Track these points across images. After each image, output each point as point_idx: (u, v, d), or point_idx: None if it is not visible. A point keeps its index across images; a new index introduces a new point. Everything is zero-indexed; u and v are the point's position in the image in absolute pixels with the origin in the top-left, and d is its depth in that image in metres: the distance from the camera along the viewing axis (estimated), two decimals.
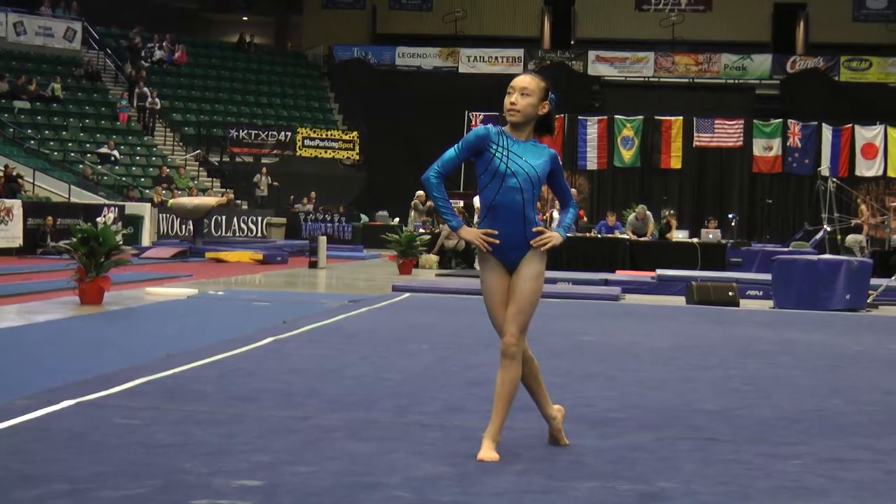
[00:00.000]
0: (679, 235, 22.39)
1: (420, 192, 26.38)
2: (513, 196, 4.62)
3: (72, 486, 3.95)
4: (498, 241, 4.61)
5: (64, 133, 32.30)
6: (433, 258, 22.34)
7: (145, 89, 34.80)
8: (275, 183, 33.82)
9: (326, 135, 36.78)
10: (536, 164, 4.65)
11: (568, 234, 4.89)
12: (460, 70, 40.40)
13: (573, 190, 29.09)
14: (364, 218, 33.58)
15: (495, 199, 4.64)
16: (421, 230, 24.91)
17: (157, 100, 34.84)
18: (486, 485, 4.18)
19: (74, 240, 11.94)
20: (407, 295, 14.31)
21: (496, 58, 40.26)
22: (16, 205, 22.47)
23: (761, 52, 40.35)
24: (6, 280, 15.03)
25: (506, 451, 4.68)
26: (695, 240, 22.00)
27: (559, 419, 4.94)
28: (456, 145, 4.72)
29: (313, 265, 20.88)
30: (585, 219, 26.49)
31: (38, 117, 32.45)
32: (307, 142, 36.07)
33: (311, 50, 42.62)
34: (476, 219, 4.52)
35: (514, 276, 4.67)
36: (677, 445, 5.05)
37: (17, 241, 22.18)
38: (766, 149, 33.83)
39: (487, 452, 4.57)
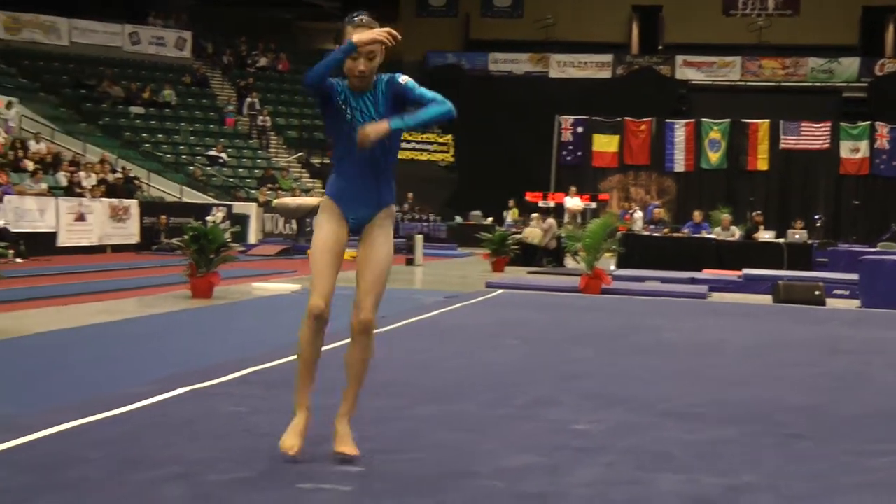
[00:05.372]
0: (766, 236, 22.11)
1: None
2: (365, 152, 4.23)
3: (184, 468, 4.12)
4: (399, 37, 4.23)
5: (175, 137, 33.50)
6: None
7: (255, 99, 36.24)
8: None
9: (422, 138, 37.51)
10: (380, 115, 4.28)
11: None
12: (550, 75, 40.71)
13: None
14: (458, 217, 34.20)
15: (346, 152, 4.30)
16: (513, 229, 25.77)
17: (267, 118, 36.15)
18: (575, 476, 4.26)
19: (186, 237, 12.50)
20: (500, 291, 14.53)
21: (586, 63, 40.64)
22: (133, 204, 23.89)
23: (849, 55, 39.79)
24: (126, 275, 15.87)
25: (593, 443, 4.83)
26: (781, 240, 21.61)
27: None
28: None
29: (410, 262, 21.48)
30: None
31: (152, 122, 33.67)
32: (404, 144, 37.00)
33: (406, 56, 43.57)
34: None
35: (365, 246, 4.37)
36: (762, 440, 5.04)
37: (135, 238, 23.58)
38: (853, 151, 33.96)
39: (344, 446, 4.31)
